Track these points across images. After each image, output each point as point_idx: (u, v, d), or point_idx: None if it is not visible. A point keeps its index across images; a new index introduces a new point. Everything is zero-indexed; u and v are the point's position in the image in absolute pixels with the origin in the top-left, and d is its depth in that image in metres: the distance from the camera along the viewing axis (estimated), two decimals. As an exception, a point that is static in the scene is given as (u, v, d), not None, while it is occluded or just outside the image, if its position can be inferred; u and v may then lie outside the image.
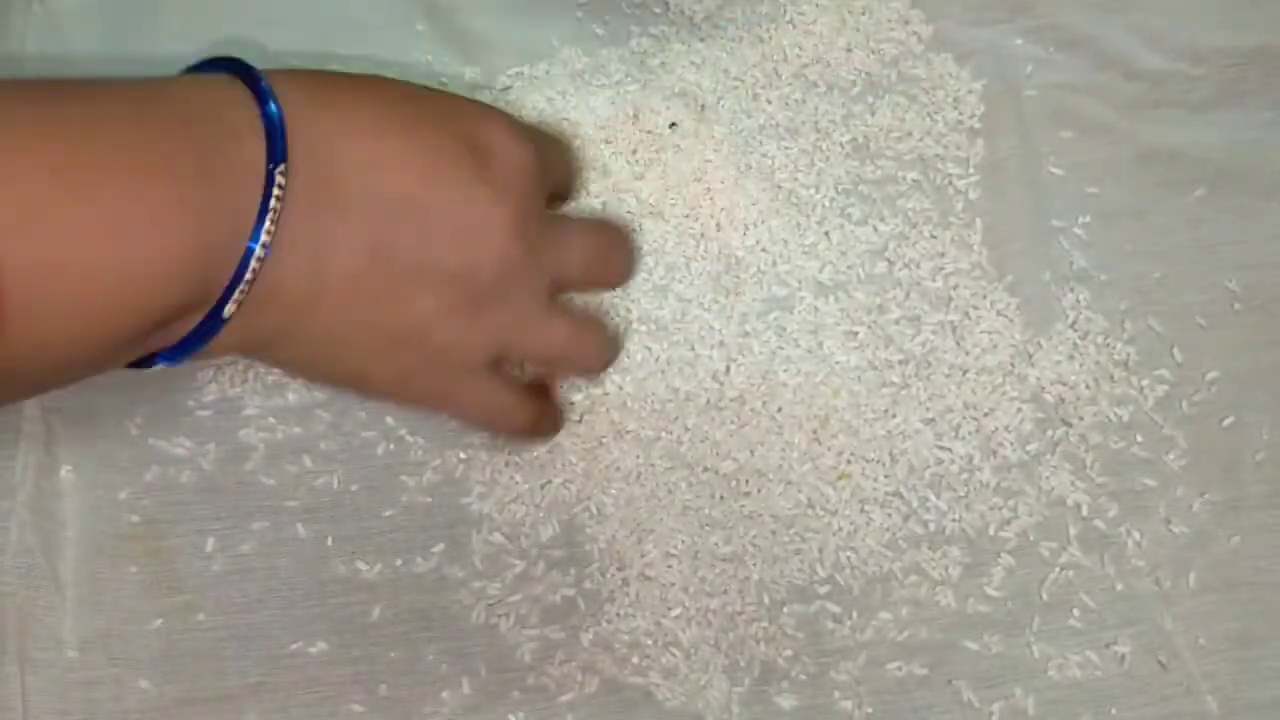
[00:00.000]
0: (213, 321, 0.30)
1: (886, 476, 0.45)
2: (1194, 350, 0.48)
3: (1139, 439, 0.47)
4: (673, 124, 0.51)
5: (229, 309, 0.30)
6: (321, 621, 0.42)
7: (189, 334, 0.30)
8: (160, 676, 0.40)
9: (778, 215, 0.49)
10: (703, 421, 0.46)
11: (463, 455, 0.45)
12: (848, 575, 0.44)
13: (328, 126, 0.31)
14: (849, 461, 0.45)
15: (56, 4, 0.52)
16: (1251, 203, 0.52)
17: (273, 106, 0.29)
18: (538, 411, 0.41)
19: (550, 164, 0.38)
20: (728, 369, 0.47)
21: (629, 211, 0.49)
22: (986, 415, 0.47)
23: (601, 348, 0.41)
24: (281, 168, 0.29)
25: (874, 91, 0.53)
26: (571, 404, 0.45)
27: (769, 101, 0.53)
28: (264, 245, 0.29)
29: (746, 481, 0.45)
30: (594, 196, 0.50)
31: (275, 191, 0.29)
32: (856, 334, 0.48)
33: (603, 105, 0.51)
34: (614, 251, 0.41)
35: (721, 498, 0.45)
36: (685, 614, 0.43)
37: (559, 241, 0.37)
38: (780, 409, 0.46)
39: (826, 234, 0.50)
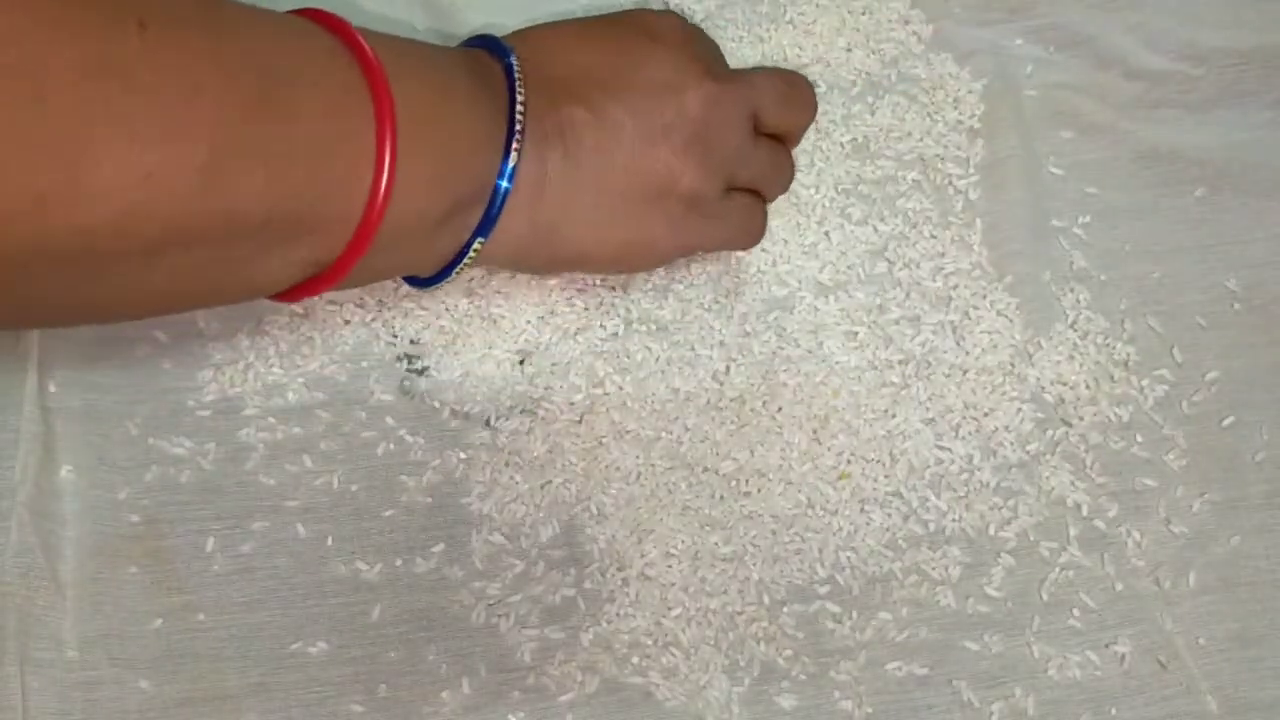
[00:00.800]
0: (500, 183, 0.37)
1: (886, 476, 0.45)
2: (1194, 350, 0.49)
3: (1139, 439, 0.47)
4: None
5: (511, 159, 0.37)
6: (321, 621, 0.42)
7: (490, 202, 0.37)
8: (160, 677, 0.40)
9: (778, 215, 0.49)
10: (703, 421, 0.46)
11: (463, 455, 0.45)
12: (848, 575, 0.44)
13: (544, 45, 0.40)
14: (849, 461, 0.45)
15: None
16: (1251, 203, 0.52)
17: (500, 41, 0.40)
18: (765, 215, 0.45)
19: (700, 36, 0.43)
20: (728, 369, 0.47)
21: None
22: (986, 415, 0.47)
23: (792, 169, 0.46)
24: (514, 59, 0.38)
25: (874, 91, 0.53)
26: (571, 404, 0.46)
27: (769, 101, 0.53)
28: (521, 103, 0.37)
29: (746, 481, 0.45)
30: (594, 196, 0.50)
31: (517, 76, 0.38)
32: (856, 334, 0.48)
33: (603, 105, 0.51)
34: (798, 87, 0.45)
35: (721, 498, 0.45)
36: (685, 614, 0.43)
37: (746, 80, 0.42)
38: (780, 409, 0.46)
39: (826, 234, 0.50)
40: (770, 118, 0.43)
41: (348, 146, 0.32)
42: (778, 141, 0.44)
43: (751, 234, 0.45)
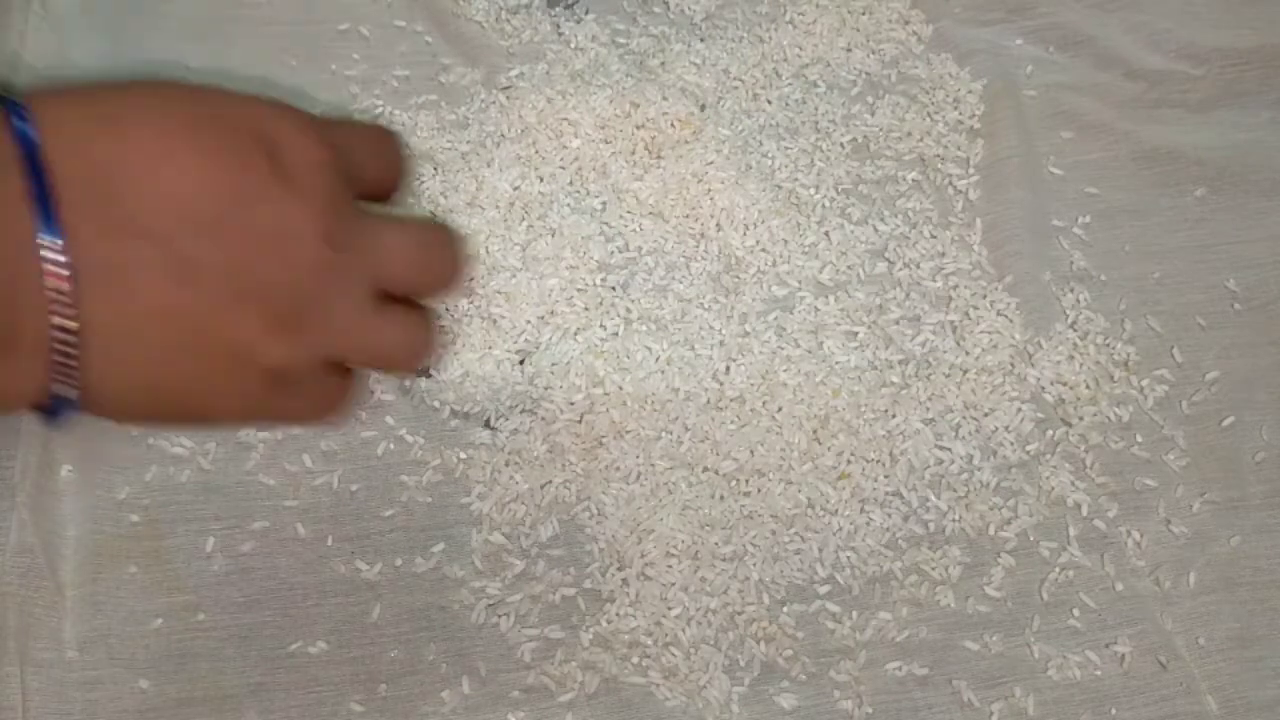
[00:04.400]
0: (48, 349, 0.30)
1: (886, 476, 0.45)
2: (1194, 350, 0.49)
3: (1139, 439, 0.47)
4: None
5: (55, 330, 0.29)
6: (321, 621, 0.42)
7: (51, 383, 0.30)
8: (160, 676, 0.40)
9: (778, 215, 0.49)
10: (703, 421, 0.46)
11: (463, 455, 0.45)
12: (848, 575, 0.44)
13: (107, 144, 0.29)
14: (849, 461, 0.45)
15: (56, 4, 0.52)
16: (1251, 203, 0.52)
17: (25, 129, 0.28)
18: (352, 387, 0.37)
19: (356, 161, 0.35)
20: (728, 369, 0.47)
21: (629, 212, 0.49)
22: (986, 415, 0.47)
23: (427, 347, 0.38)
24: (41, 150, 0.28)
25: (874, 91, 0.53)
26: (572, 404, 0.45)
27: (769, 101, 0.53)
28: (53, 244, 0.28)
29: (746, 481, 0.45)
30: (594, 196, 0.50)
31: (50, 194, 0.28)
32: (856, 334, 0.48)
33: (603, 105, 0.51)
34: (436, 250, 0.37)
35: (721, 497, 0.45)
36: (685, 613, 0.43)
37: (373, 241, 0.34)
38: (780, 409, 0.46)
39: (826, 234, 0.50)
40: (398, 285, 0.36)
41: None
42: (415, 319, 0.37)
43: (332, 408, 0.37)
